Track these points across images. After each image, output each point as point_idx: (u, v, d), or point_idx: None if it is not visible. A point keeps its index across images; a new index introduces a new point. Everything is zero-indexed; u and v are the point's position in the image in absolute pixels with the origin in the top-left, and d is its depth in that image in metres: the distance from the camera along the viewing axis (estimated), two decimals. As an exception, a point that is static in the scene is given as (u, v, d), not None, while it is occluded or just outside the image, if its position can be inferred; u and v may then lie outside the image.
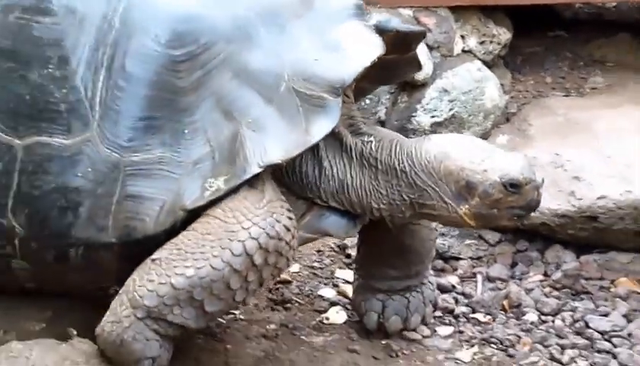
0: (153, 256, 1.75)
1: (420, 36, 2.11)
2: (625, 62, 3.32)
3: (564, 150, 2.68)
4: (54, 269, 1.86)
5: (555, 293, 2.54)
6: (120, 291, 1.78)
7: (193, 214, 1.77)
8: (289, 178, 1.93)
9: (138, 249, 1.80)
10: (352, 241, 2.61)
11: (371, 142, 2.04)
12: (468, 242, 2.66)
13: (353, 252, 2.61)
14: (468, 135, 2.38)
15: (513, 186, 1.90)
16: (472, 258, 2.63)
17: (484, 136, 2.86)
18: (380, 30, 1.96)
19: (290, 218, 1.78)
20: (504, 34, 3.12)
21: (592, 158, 2.72)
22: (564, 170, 2.69)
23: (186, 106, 1.80)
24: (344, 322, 2.29)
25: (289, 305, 2.33)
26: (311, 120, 1.83)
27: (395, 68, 2.10)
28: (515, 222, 2.06)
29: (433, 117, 2.90)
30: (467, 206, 1.92)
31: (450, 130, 2.91)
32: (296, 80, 1.87)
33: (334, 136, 1.91)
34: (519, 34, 3.21)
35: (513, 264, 2.59)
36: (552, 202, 2.51)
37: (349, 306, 2.32)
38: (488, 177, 1.91)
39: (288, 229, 1.75)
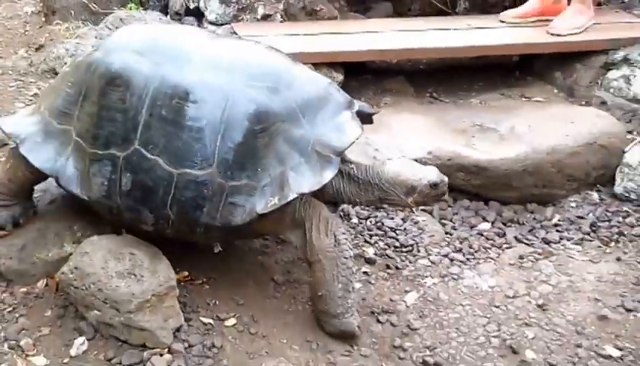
0: None
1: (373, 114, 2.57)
2: (402, 90, 3.93)
3: (371, 136, 3.10)
4: (186, 235, 2.40)
5: (367, 209, 3.08)
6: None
7: (260, 216, 2.28)
8: (319, 191, 2.36)
9: (229, 229, 2.33)
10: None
11: (353, 167, 2.55)
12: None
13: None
14: (403, 158, 2.69)
15: (434, 185, 2.48)
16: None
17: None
18: (359, 112, 2.46)
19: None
20: (339, 76, 3.67)
21: (386, 140, 3.19)
22: (369, 146, 3.15)
23: (260, 156, 2.27)
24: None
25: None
26: (323, 169, 2.30)
27: None
28: (435, 203, 2.80)
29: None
30: (411, 198, 2.50)
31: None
32: (317, 145, 2.31)
33: None
34: (347, 76, 3.74)
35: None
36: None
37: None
38: (422, 182, 2.47)
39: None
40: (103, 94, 2.31)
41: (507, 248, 2.98)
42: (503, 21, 4.03)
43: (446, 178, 2.51)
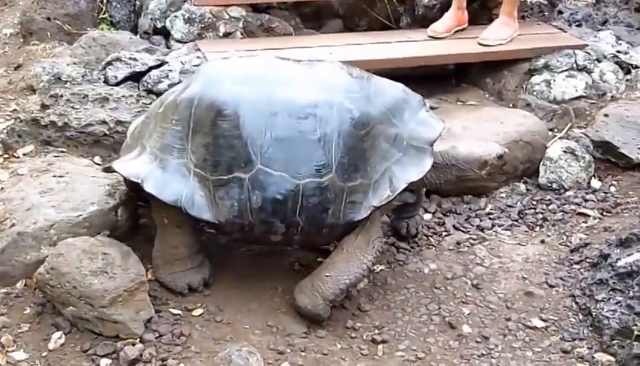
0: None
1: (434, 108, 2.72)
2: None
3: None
4: (312, 237, 2.43)
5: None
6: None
7: (375, 208, 2.35)
8: None
9: (350, 226, 2.40)
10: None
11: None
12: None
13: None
14: (467, 140, 2.84)
15: (500, 157, 2.63)
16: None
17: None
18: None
19: None
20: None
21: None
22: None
23: (367, 157, 2.34)
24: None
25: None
26: (422, 159, 2.40)
27: None
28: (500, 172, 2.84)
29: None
30: (484, 171, 2.64)
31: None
32: (410, 140, 2.41)
33: None
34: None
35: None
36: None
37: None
38: (492, 156, 2.61)
39: None
40: (214, 125, 2.28)
41: (447, 235, 3.01)
42: (432, 36, 4.04)
43: (507, 150, 2.67)
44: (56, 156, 3.03)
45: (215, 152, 2.28)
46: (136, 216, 2.80)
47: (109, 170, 2.57)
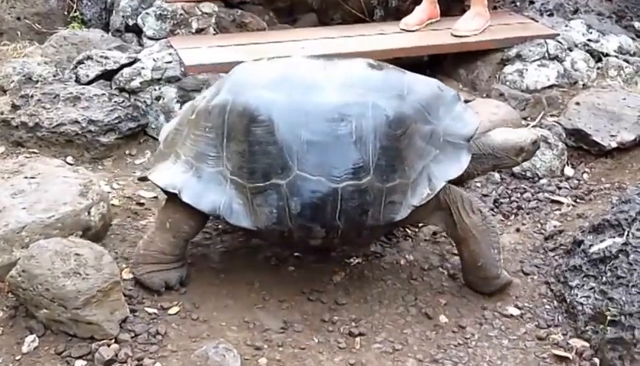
0: None
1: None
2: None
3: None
4: (352, 240, 2.45)
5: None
6: None
7: (415, 208, 2.31)
8: None
9: (390, 226, 2.43)
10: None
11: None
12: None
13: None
14: (500, 128, 2.79)
15: (534, 142, 2.60)
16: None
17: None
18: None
19: None
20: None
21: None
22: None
23: (404, 156, 2.30)
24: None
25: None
26: (459, 155, 2.36)
27: None
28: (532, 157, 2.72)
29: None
30: (520, 157, 2.60)
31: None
32: (447, 136, 2.37)
33: None
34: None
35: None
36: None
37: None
38: (527, 142, 2.57)
39: None
40: (248, 132, 2.24)
41: (422, 226, 2.99)
42: (404, 30, 4.04)
43: (540, 134, 2.74)
44: (27, 157, 2.99)
45: (250, 159, 2.24)
46: (109, 216, 2.77)
47: (144, 180, 2.60)
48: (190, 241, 2.56)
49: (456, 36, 3.98)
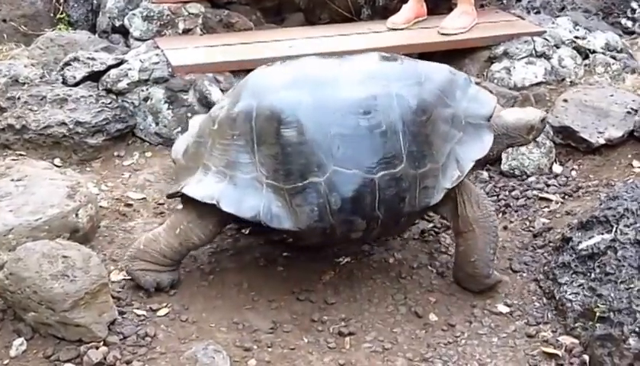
0: None
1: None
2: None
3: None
4: (390, 228, 2.49)
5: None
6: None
7: (447, 190, 2.35)
8: None
9: (424, 211, 2.49)
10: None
11: None
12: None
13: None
14: (509, 108, 2.86)
15: (543, 120, 2.63)
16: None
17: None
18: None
19: None
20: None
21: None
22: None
23: (431, 141, 2.34)
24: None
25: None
26: (482, 135, 2.42)
27: None
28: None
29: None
30: (531, 135, 2.63)
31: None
32: (467, 118, 2.41)
33: None
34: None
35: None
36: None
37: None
38: (537, 119, 2.60)
39: None
40: (278, 135, 2.24)
41: (411, 224, 2.99)
42: (392, 28, 4.03)
43: (546, 112, 2.80)
44: (14, 160, 2.97)
45: (285, 160, 2.25)
46: (97, 218, 2.75)
47: (173, 196, 2.54)
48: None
49: (443, 34, 3.98)
